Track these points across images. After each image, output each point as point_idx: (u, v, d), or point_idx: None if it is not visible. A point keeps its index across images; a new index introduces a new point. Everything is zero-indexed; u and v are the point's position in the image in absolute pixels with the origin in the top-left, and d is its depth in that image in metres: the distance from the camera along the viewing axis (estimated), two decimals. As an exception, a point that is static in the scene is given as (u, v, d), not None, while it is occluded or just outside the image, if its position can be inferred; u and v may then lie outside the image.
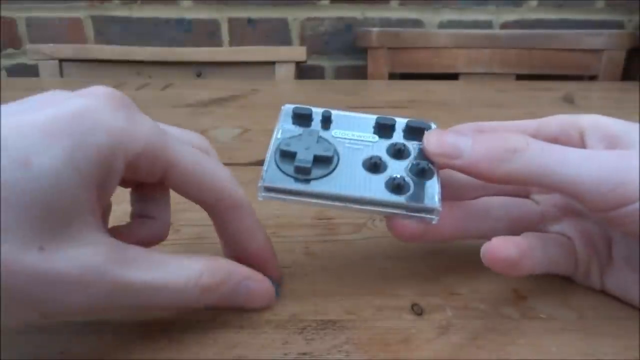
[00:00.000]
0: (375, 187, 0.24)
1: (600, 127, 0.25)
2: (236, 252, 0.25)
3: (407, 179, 0.24)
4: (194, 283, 0.21)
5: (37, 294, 0.17)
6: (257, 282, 0.24)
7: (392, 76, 1.09)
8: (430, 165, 0.25)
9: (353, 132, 0.27)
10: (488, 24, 1.16)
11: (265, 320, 0.24)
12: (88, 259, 0.18)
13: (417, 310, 0.25)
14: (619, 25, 1.16)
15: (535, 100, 0.72)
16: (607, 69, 1.06)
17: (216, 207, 0.24)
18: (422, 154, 0.26)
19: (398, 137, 0.27)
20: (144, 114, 0.22)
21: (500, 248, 0.23)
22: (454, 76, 1.07)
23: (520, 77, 1.07)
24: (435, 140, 0.25)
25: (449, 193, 0.26)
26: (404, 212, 0.24)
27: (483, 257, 0.24)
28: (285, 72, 1.06)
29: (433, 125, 0.27)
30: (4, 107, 0.19)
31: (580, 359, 0.22)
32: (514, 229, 0.27)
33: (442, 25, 1.16)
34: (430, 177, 0.25)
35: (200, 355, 0.22)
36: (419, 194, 0.24)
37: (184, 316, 0.24)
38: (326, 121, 0.27)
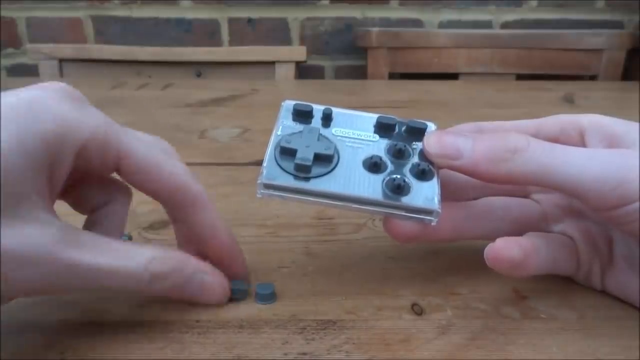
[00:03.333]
0: (374, 187, 0.24)
1: (600, 127, 0.25)
2: (197, 249, 0.25)
3: (407, 179, 0.24)
4: (143, 268, 0.21)
5: None
6: (211, 276, 0.24)
7: (392, 76, 1.09)
8: (430, 166, 0.25)
9: (354, 131, 0.27)
10: (488, 24, 1.16)
11: (265, 320, 0.24)
12: (37, 237, 0.19)
13: (417, 310, 0.25)
14: (619, 25, 1.16)
15: (535, 100, 0.72)
16: (607, 69, 1.06)
17: (173, 201, 0.24)
18: (422, 154, 0.25)
19: (398, 137, 0.27)
20: (95, 108, 0.23)
21: (504, 249, 0.23)
22: (454, 76, 1.07)
23: (520, 77, 1.07)
24: (435, 141, 0.25)
25: (449, 193, 0.26)
26: (403, 213, 0.24)
27: (487, 258, 0.23)
28: (285, 72, 1.06)
29: (433, 126, 0.27)
30: None
31: (581, 359, 0.22)
32: (516, 229, 0.27)
33: (442, 25, 1.16)
34: (430, 178, 0.25)
35: (200, 355, 0.22)
36: (419, 195, 0.24)
37: (184, 316, 0.24)
38: (327, 119, 0.27)
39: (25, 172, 0.19)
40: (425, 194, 0.24)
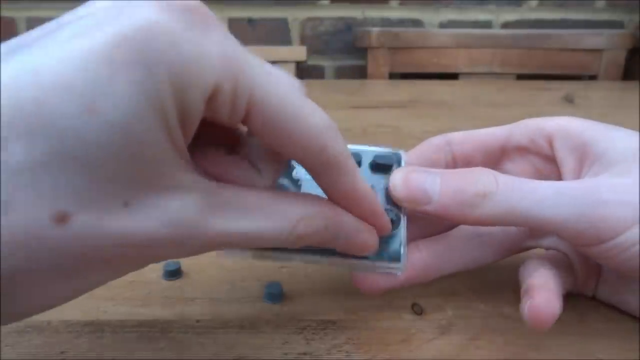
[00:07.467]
0: None
1: (568, 135, 0.24)
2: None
3: None
4: (288, 232, 0.19)
5: (128, 256, 0.16)
6: (358, 232, 0.21)
7: (392, 76, 1.09)
8: (396, 211, 0.23)
9: None
10: (488, 24, 1.16)
11: (265, 320, 0.24)
12: (180, 211, 0.16)
13: (417, 310, 0.25)
14: (619, 25, 1.16)
15: (535, 100, 0.72)
16: (607, 69, 1.06)
17: (304, 162, 0.19)
18: (388, 193, 0.23)
19: (364, 172, 0.25)
20: (220, 28, 0.16)
21: (548, 308, 0.22)
22: (454, 76, 1.07)
23: (520, 77, 1.07)
24: (401, 183, 0.23)
25: (420, 228, 0.25)
26: (368, 268, 0.22)
27: (529, 319, 0.22)
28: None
29: (403, 159, 0.25)
30: (43, 29, 0.15)
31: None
32: (502, 252, 0.26)
33: (442, 25, 1.16)
34: (397, 226, 0.23)
35: (200, 355, 0.22)
36: (383, 248, 0.22)
37: (184, 316, 0.24)
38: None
39: (160, 134, 0.15)
40: (389, 245, 0.22)
